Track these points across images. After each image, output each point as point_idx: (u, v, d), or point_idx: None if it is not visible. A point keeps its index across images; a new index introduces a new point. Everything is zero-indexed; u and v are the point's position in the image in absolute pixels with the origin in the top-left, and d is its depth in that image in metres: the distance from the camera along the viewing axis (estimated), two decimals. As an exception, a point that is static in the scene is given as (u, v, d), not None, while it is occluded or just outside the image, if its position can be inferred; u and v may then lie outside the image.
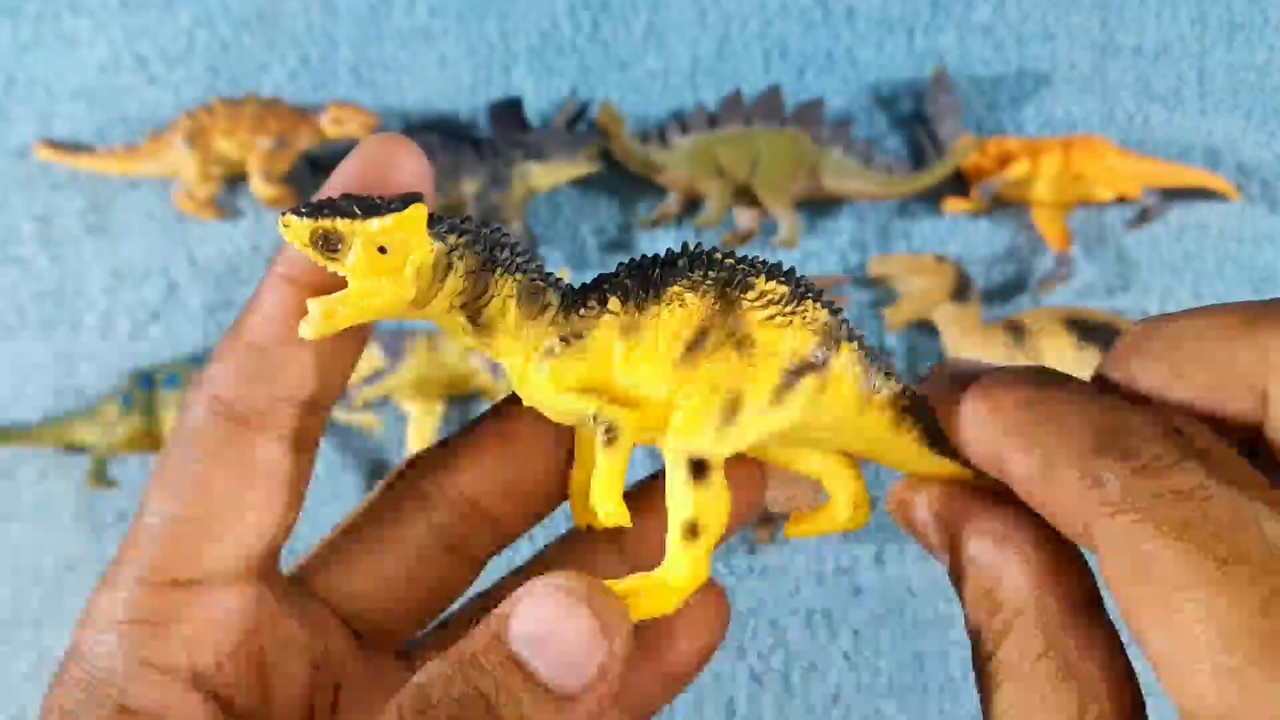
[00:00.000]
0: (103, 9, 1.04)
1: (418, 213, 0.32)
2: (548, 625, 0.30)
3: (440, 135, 1.01)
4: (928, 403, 0.35)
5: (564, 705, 0.29)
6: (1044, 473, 0.29)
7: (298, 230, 0.34)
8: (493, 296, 0.34)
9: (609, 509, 0.36)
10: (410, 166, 0.34)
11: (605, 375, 0.35)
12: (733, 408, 0.35)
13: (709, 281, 0.33)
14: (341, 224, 0.33)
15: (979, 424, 0.31)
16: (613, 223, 1.04)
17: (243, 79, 1.03)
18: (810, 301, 0.34)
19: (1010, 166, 1.02)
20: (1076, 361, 0.99)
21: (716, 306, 0.33)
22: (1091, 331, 1.00)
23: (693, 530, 0.35)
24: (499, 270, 0.34)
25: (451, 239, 0.34)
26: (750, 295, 0.33)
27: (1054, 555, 0.31)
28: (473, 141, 1.01)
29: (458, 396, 0.99)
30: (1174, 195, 1.05)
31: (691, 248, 0.34)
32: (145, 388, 0.95)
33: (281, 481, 0.36)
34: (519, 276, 0.35)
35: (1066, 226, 1.04)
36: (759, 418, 0.34)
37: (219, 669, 0.35)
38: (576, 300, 0.35)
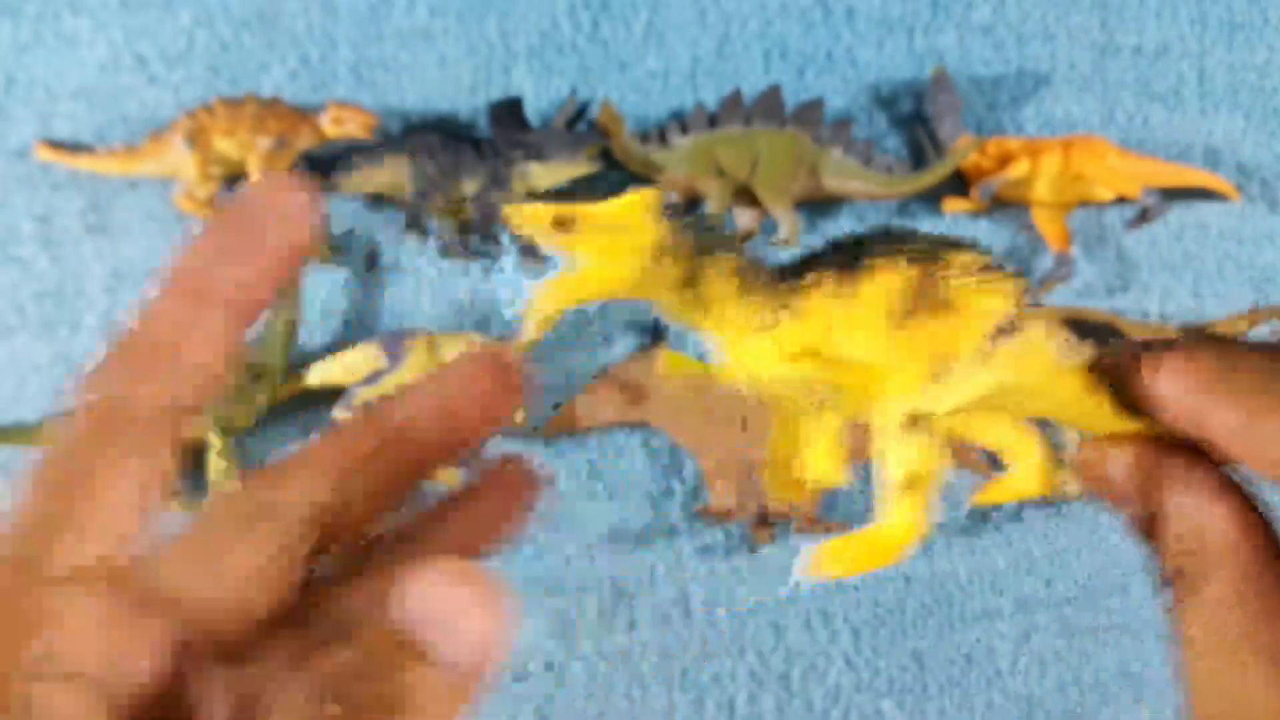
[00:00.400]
0: (103, 9, 1.04)
1: (649, 198, 0.36)
2: (446, 606, 0.32)
3: (440, 135, 1.01)
4: (1115, 366, 0.38)
5: (463, 683, 0.32)
6: (1249, 425, 0.32)
7: (539, 214, 0.37)
8: (712, 275, 0.37)
9: (826, 470, 0.40)
10: (293, 210, 0.35)
11: (821, 344, 0.37)
12: (943, 369, 0.38)
13: (914, 255, 0.37)
14: (580, 208, 0.36)
15: (1180, 382, 0.34)
16: (613, 223, 1.04)
17: (243, 79, 1.03)
18: (1002, 271, 0.37)
19: (1010, 166, 1.02)
20: (1076, 361, 0.99)
21: (922, 277, 0.37)
22: (1091, 331, 1.00)
23: (911, 482, 0.39)
24: (717, 250, 0.37)
25: (676, 223, 0.37)
26: (952, 266, 0.37)
27: (1250, 507, 0.34)
28: (473, 141, 1.01)
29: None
30: (1174, 195, 1.05)
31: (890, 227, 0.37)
32: (145, 388, 0.95)
33: (146, 483, 0.37)
34: (735, 256, 0.38)
35: (1066, 226, 1.04)
36: (967, 378, 0.37)
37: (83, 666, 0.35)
38: (790, 275, 0.37)
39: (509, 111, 1.01)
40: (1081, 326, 1.05)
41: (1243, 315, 1.02)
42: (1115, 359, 0.39)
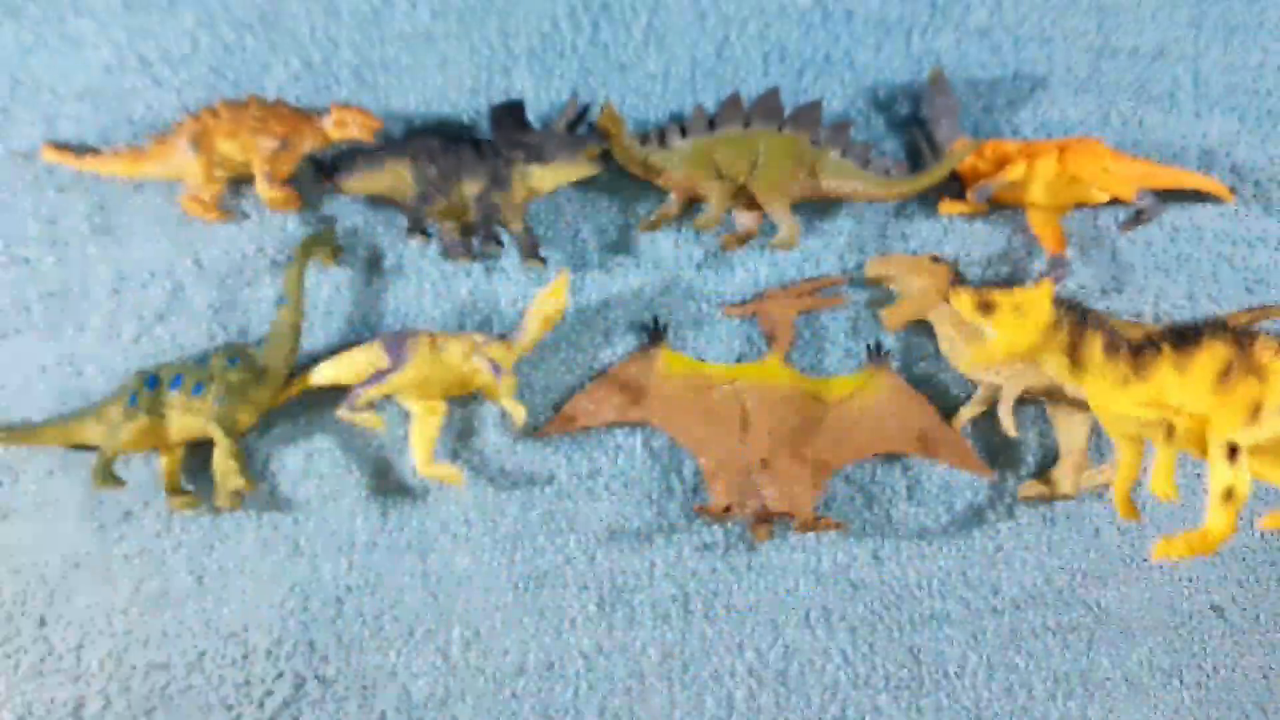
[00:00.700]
0: (106, 11, 1.05)
1: (1047, 288, 0.67)
2: None
3: (441, 137, 1.01)
4: None
5: None
6: None
7: (965, 300, 0.70)
8: (1087, 344, 0.66)
9: (1164, 488, 0.66)
10: None
11: (1162, 396, 0.65)
12: (1254, 412, 0.62)
13: (1231, 333, 0.64)
14: (999, 295, 0.67)
15: None
16: (613, 224, 1.05)
17: (246, 81, 1.04)
18: None
19: (1006, 169, 1.02)
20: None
21: (1238, 349, 0.63)
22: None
23: (1229, 495, 0.62)
24: (1089, 329, 0.67)
25: (1062, 309, 0.66)
26: (1260, 341, 0.63)
27: None
28: (473, 143, 1.02)
29: (460, 396, 1.01)
30: (1169, 197, 1.06)
31: (1208, 319, 0.65)
32: (151, 387, 0.96)
33: None
34: (1101, 336, 0.68)
35: (1062, 228, 1.04)
36: (1273, 419, 0.61)
37: None
38: (1139, 348, 0.66)
39: (510, 113, 1.02)
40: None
41: (1239, 315, 1.03)
42: None
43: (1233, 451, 0.63)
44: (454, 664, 0.99)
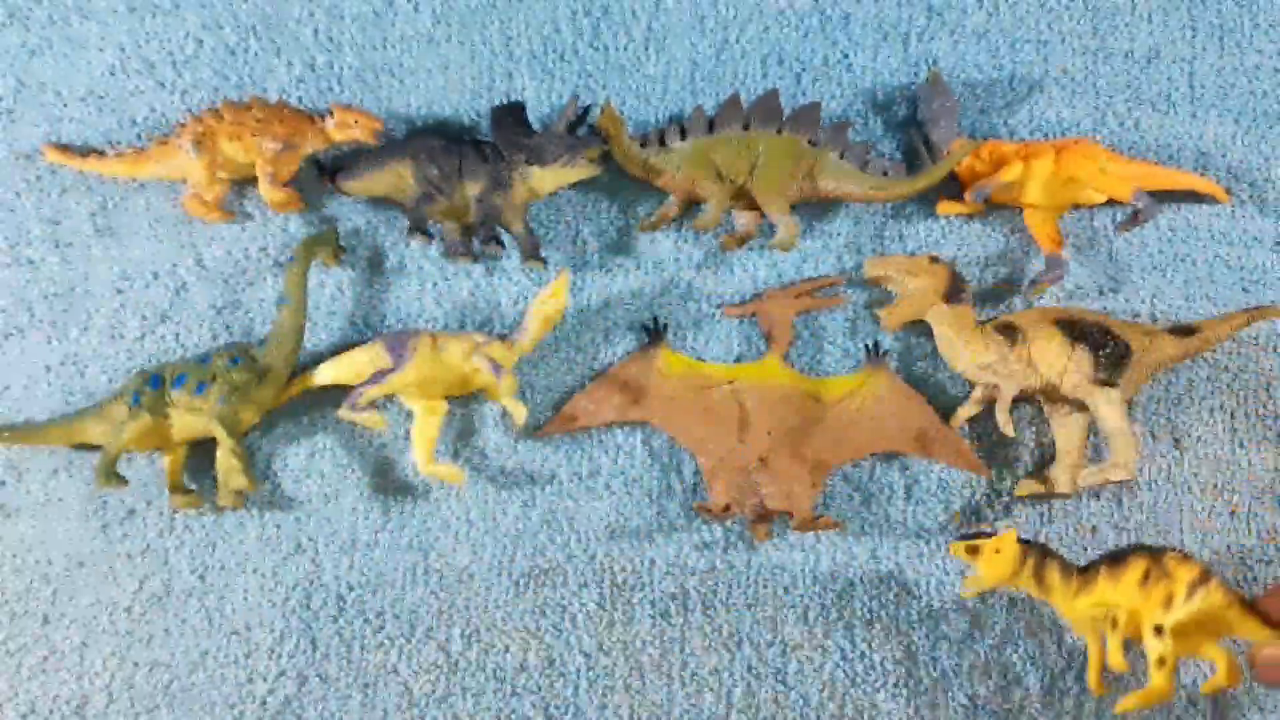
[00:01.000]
0: (110, 14, 1.05)
1: (1012, 537, 0.93)
2: None
3: (443, 139, 1.02)
4: (1258, 604, 0.91)
5: None
6: None
7: (959, 547, 0.94)
8: (1048, 571, 0.93)
9: (1116, 659, 0.91)
10: None
11: (1104, 599, 0.92)
12: (1168, 602, 0.90)
13: (1148, 550, 0.92)
14: (982, 542, 0.93)
15: None
16: (613, 225, 1.06)
17: (248, 83, 1.05)
18: (1191, 559, 0.92)
19: (1003, 170, 1.03)
20: (1068, 361, 1.00)
21: (1153, 561, 0.91)
22: (1083, 332, 1.01)
23: (1162, 661, 0.90)
24: (1048, 561, 0.93)
25: (1029, 551, 0.93)
26: (1168, 554, 0.92)
27: None
28: (475, 144, 1.02)
29: (460, 395, 1.01)
30: (1165, 198, 1.06)
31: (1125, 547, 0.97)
32: (154, 387, 0.96)
33: None
34: (1057, 565, 0.93)
35: (1058, 228, 1.05)
36: (1182, 606, 0.89)
37: None
38: (1084, 570, 0.93)
39: (511, 115, 1.02)
40: (1074, 327, 1.07)
41: (1236, 316, 1.03)
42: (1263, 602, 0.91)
43: (1158, 630, 0.91)
44: (455, 661, 0.99)
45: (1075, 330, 1.01)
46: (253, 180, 1.01)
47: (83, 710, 0.98)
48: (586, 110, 1.04)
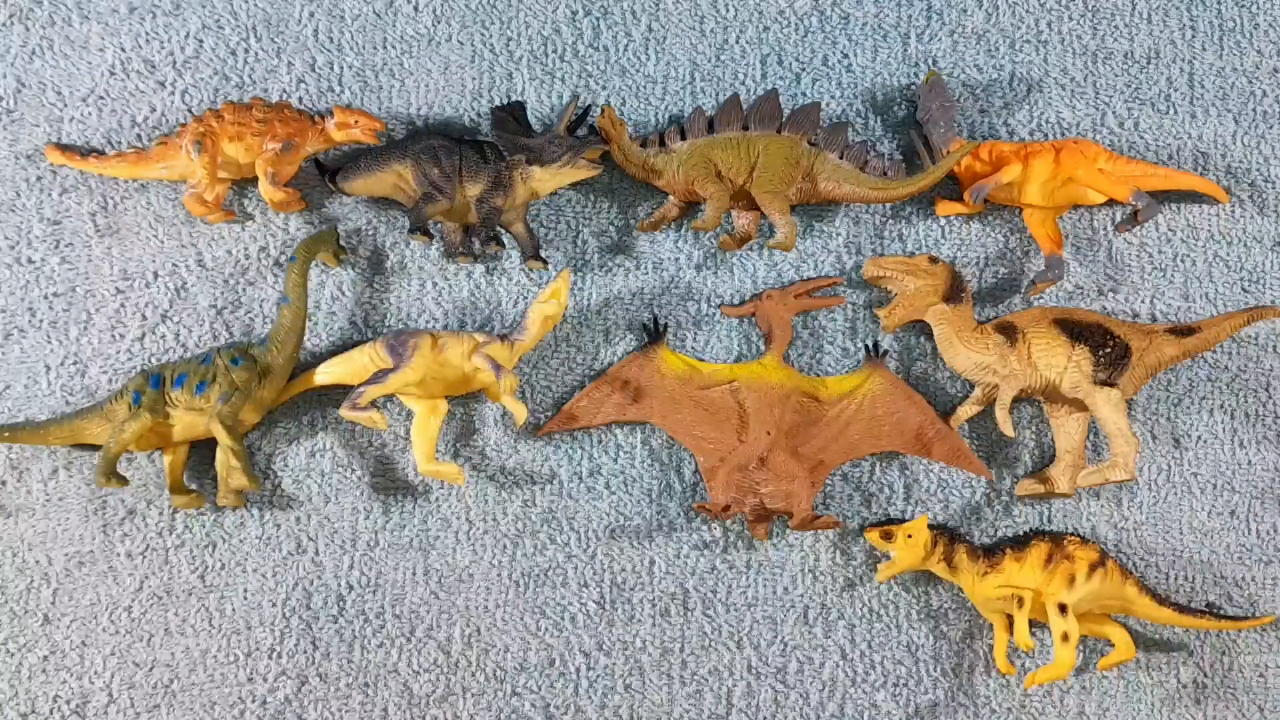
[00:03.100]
0: (112, 15, 1.06)
1: (923, 522, 0.98)
2: None
3: (444, 139, 1.02)
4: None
5: None
6: None
7: (873, 533, 1.00)
8: (958, 556, 0.99)
9: (1022, 638, 0.98)
10: None
11: (1009, 581, 0.99)
12: (1070, 582, 0.99)
13: (1050, 535, 1.01)
14: (894, 528, 0.99)
15: None
16: (613, 225, 1.06)
17: (250, 84, 1.05)
18: (1090, 542, 1.02)
19: (1003, 170, 1.03)
20: (1067, 361, 1.00)
21: (1054, 545, 0.99)
22: (1082, 332, 1.01)
23: (1065, 637, 0.97)
24: (957, 544, 0.99)
25: (940, 535, 0.99)
26: (1068, 538, 1.00)
27: None
28: (476, 145, 1.02)
29: (461, 395, 1.01)
30: (1164, 198, 1.06)
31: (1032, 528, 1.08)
32: (155, 386, 0.96)
33: None
34: (964, 548, 0.99)
35: (1058, 228, 1.05)
36: (1083, 585, 0.99)
37: None
38: (990, 551, 1.01)
39: (511, 116, 1.02)
40: (1074, 327, 1.07)
41: (1235, 316, 1.03)
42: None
43: (1062, 608, 0.98)
44: (455, 660, 1.00)
45: (1075, 330, 1.01)
46: (253, 180, 1.01)
47: (83, 708, 0.98)
48: (587, 111, 1.04)
